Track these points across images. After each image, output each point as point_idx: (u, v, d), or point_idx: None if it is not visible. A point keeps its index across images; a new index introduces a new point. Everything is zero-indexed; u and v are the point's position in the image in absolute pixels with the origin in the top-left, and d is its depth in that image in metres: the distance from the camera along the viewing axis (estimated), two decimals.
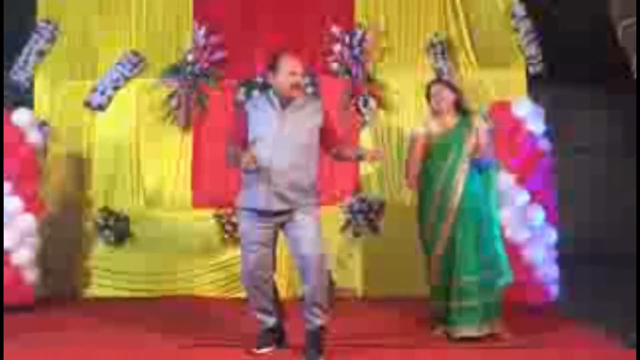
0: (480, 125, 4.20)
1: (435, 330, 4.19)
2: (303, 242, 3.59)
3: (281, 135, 3.58)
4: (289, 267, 5.50)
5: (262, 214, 3.62)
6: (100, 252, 5.82)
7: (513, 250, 4.64)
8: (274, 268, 3.79)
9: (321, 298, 3.63)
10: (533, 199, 4.99)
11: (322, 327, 3.67)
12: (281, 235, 3.78)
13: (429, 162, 4.22)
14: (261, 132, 3.61)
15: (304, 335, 3.68)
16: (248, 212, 3.67)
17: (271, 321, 3.80)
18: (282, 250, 5.46)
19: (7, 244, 5.00)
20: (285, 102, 3.64)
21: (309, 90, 5.81)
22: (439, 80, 4.62)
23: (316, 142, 3.70)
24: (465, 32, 5.94)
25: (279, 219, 3.64)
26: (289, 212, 3.62)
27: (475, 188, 4.10)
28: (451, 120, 4.23)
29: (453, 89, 4.31)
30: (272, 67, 3.65)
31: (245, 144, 3.66)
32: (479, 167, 4.12)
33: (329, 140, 3.77)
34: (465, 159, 4.10)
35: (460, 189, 4.07)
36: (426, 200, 4.21)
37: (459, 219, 4.06)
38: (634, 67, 4.23)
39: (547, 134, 5.13)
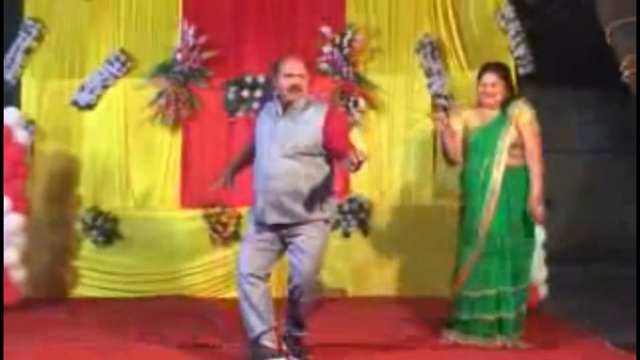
0: (521, 114, 3.87)
1: (448, 335, 4.05)
2: (298, 267, 3.41)
3: (276, 140, 3.44)
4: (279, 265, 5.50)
5: (264, 226, 3.48)
6: (88, 252, 5.78)
7: None
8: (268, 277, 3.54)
9: (301, 317, 3.53)
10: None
11: (298, 337, 3.59)
12: None
13: (467, 162, 3.97)
14: (262, 141, 3.52)
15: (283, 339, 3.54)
16: (252, 224, 3.58)
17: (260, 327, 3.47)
18: None
19: None
20: (287, 106, 3.50)
21: None
22: (495, 67, 4.01)
23: (320, 149, 3.43)
24: (455, 32, 5.94)
25: (282, 231, 3.46)
26: (291, 226, 3.43)
27: (514, 191, 3.85)
28: (490, 114, 3.93)
29: (509, 82, 3.97)
30: (273, 71, 3.55)
31: (250, 154, 3.67)
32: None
33: (330, 151, 3.45)
34: (502, 155, 3.83)
35: (497, 189, 3.82)
36: (467, 203, 3.98)
37: (495, 225, 3.84)
38: (622, 68, 4.25)
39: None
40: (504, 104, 3.94)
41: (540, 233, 5.10)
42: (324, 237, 3.49)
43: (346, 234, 5.69)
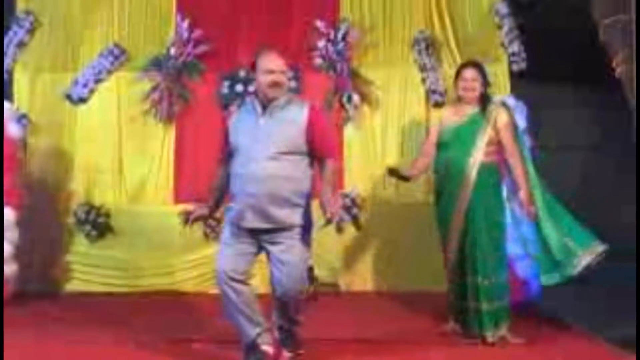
0: (499, 116, 3.97)
1: (446, 325, 4.14)
2: (281, 277, 3.29)
3: (257, 140, 3.30)
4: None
5: (242, 229, 3.35)
6: (81, 247, 5.77)
7: None
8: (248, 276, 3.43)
9: (292, 317, 3.45)
10: (514, 195, 5.01)
11: (291, 332, 3.52)
12: None
13: (441, 152, 4.07)
14: (240, 141, 3.37)
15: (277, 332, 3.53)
16: (229, 226, 3.43)
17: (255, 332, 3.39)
18: None
19: None
20: (266, 104, 3.37)
21: (292, 85, 5.78)
22: (474, 64, 4.18)
23: (305, 148, 3.36)
24: (449, 28, 5.94)
25: (261, 236, 3.35)
26: (270, 231, 3.32)
27: (487, 185, 3.94)
28: (469, 110, 4.04)
29: (485, 79, 4.09)
30: (253, 67, 3.42)
31: (229, 158, 3.48)
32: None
33: (314, 151, 3.40)
34: (478, 152, 3.92)
35: (471, 183, 3.90)
36: (441, 194, 4.09)
37: (470, 215, 3.93)
38: (615, 65, 4.26)
39: (529, 130, 5.17)
40: (481, 101, 4.05)
41: (532, 228, 5.13)
42: (306, 243, 3.39)
43: (339, 229, 5.69)
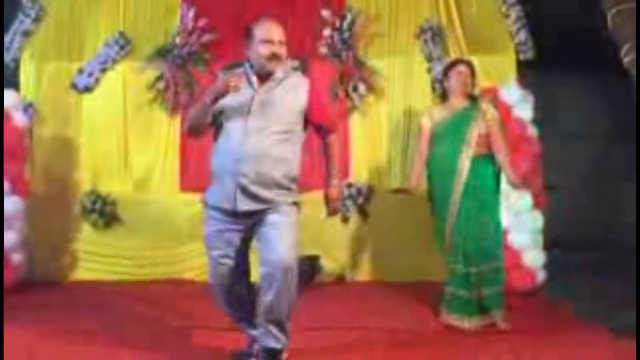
0: (489, 111, 4.10)
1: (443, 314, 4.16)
2: (272, 247, 2.99)
3: (252, 116, 3.05)
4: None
5: (229, 214, 3.09)
6: (87, 236, 5.79)
7: None
8: (247, 275, 3.26)
9: (281, 314, 3.02)
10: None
11: (275, 350, 3.07)
12: None
13: (435, 147, 4.16)
14: (230, 110, 3.08)
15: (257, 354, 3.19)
16: (213, 212, 3.15)
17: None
18: None
19: None
20: (264, 76, 3.12)
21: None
22: (469, 62, 4.34)
23: (299, 127, 3.16)
24: (455, 17, 5.91)
25: (249, 220, 3.09)
26: (260, 212, 3.06)
27: (480, 176, 4.03)
28: (459, 104, 4.16)
29: (474, 74, 4.23)
30: (247, 36, 3.15)
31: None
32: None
33: (315, 126, 3.24)
34: (472, 144, 4.02)
35: (464, 175, 3.99)
36: (434, 187, 4.17)
37: (462, 206, 4.00)
38: (622, 54, 4.23)
39: (535, 120, 5.17)
40: (470, 96, 4.19)
41: (538, 218, 5.13)
42: (294, 218, 3.11)
43: (345, 219, 5.70)
